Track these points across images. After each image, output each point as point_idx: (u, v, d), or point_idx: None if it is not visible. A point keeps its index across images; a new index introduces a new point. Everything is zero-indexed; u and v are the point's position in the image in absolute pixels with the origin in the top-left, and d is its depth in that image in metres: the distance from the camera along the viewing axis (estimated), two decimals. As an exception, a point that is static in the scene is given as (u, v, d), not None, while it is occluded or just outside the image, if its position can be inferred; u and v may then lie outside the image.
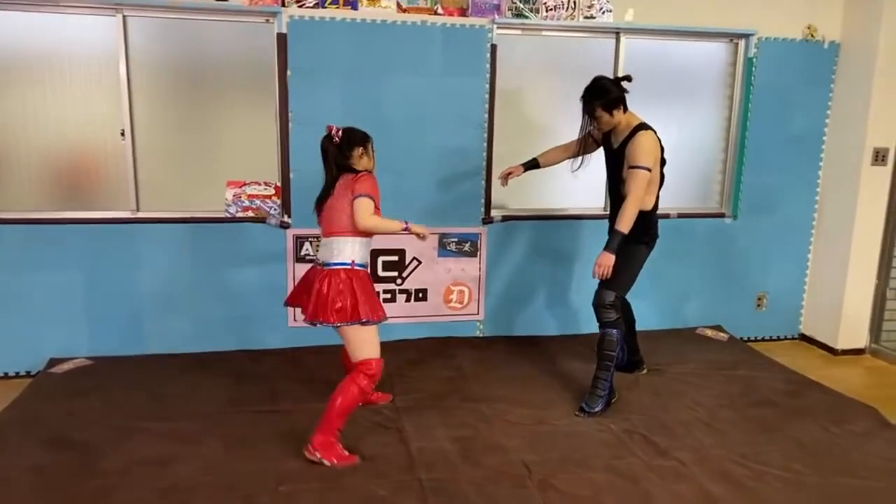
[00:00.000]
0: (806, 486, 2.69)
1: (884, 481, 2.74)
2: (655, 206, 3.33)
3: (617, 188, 3.33)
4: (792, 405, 3.45)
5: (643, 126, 3.19)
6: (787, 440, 3.07)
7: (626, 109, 3.22)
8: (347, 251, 2.81)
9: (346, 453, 2.79)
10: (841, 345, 4.47)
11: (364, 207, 2.74)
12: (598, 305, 3.31)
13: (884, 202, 4.33)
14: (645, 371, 3.86)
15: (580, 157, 3.49)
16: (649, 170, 3.12)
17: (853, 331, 4.47)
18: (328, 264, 2.81)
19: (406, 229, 2.92)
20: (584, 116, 3.27)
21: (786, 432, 3.15)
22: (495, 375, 3.74)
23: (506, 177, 3.64)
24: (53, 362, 3.76)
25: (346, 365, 3.21)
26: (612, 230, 3.18)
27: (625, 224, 3.12)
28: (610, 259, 3.12)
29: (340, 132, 2.88)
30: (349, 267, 2.80)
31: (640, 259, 3.35)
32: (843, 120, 4.40)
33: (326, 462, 2.74)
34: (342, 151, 2.87)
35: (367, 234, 2.85)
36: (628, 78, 3.21)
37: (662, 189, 3.37)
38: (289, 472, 2.72)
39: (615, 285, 3.29)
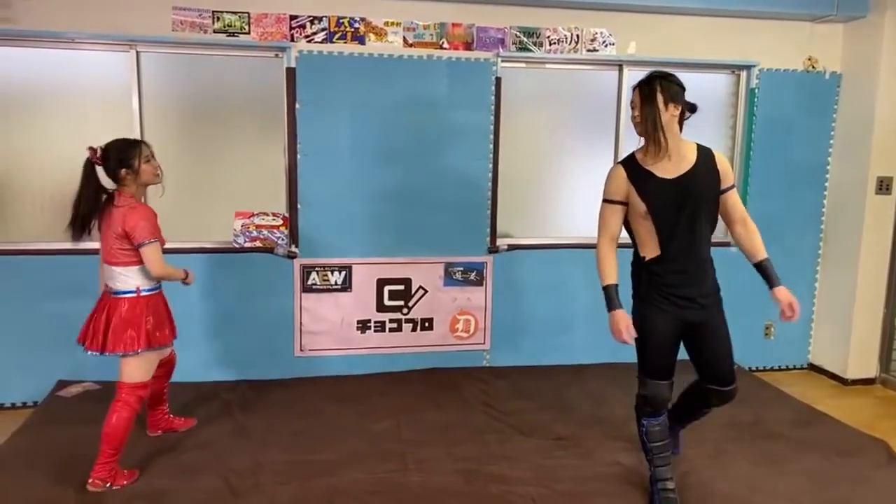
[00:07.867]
0: (815, 521, 2.67)
1: (894, 516, 2.71)
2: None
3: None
4: (800, 437, 3.42)
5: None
6: (794, 473, 3.04)
7: (680, 124, 2.66)
8: (131, 280, 2.78)
9: (126, 471, 2.82)
10: (851, 374, 4.43)
11: (153, 255, 2.71)
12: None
13: (889, 231, 4.33)
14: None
15: None
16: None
17: (863, 360, 4.44)
18: (116, 293, 2.78)
19: (186, 280, 2.96)
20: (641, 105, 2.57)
21: (793, 465, 3.12)
22: (501, 407, 3.73)
23: None
24: (62, 384, 3.78)
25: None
26: None
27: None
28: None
29: (99, 151, 2.74)
30: (134, 295, 2.78)
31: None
32: (846, 149, 4.42)
33: (116, 487, 2.74)
34: (110, 172, 2.74)
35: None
36: (695, 107, 2.73)
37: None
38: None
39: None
